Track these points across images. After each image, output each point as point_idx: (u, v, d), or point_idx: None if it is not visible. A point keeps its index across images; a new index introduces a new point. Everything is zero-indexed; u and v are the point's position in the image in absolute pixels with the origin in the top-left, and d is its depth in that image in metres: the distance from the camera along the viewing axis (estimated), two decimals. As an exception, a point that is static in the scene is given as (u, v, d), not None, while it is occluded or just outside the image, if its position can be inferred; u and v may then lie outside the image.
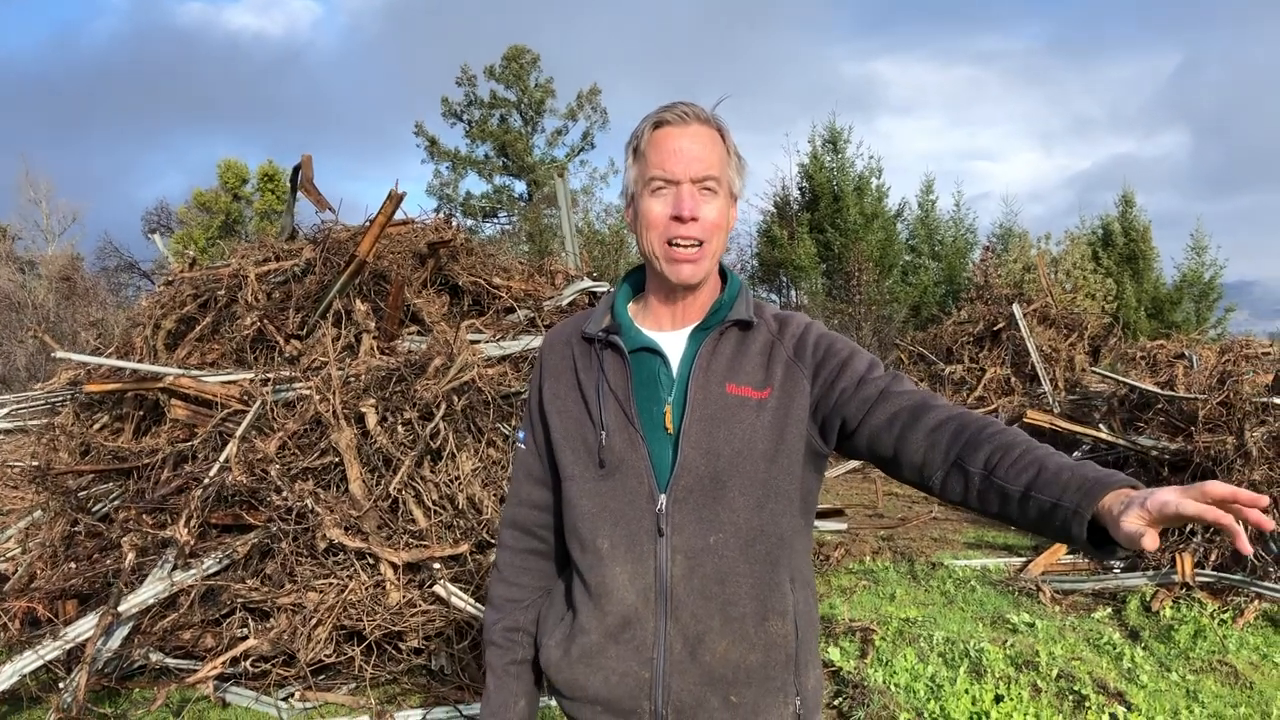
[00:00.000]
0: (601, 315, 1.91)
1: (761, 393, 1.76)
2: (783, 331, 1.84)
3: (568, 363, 1.92)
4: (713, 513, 1.73)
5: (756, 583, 1.74)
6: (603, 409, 1.81)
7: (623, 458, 1.78)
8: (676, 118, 1.76)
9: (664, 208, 1.75)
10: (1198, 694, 4.91)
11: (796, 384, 1.78)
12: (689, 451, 1.73)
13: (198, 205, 31.15)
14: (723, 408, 1.75)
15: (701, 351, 1.79)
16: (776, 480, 1.75)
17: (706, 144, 1.76)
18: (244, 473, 5.00)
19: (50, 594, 5.25)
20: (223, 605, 4.89)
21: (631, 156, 1.82)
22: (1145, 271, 28.50)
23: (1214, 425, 6.95)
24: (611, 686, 1.77)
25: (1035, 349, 12.00)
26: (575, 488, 1.83)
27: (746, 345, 1.82)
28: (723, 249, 1.85)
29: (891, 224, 28.75)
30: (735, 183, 1.83)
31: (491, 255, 6.61)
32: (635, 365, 1.82)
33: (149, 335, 6.10)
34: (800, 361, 1.79)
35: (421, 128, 38.78)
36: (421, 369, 5.05)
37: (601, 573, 1.78)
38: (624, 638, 1.77)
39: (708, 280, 1.85)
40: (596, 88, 39.74)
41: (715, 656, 1.72)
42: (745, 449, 1.73)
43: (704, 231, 1.76)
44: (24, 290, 22.11)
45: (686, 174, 1.73)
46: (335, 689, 4.91)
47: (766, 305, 1.92)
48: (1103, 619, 6.07)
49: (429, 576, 4.87)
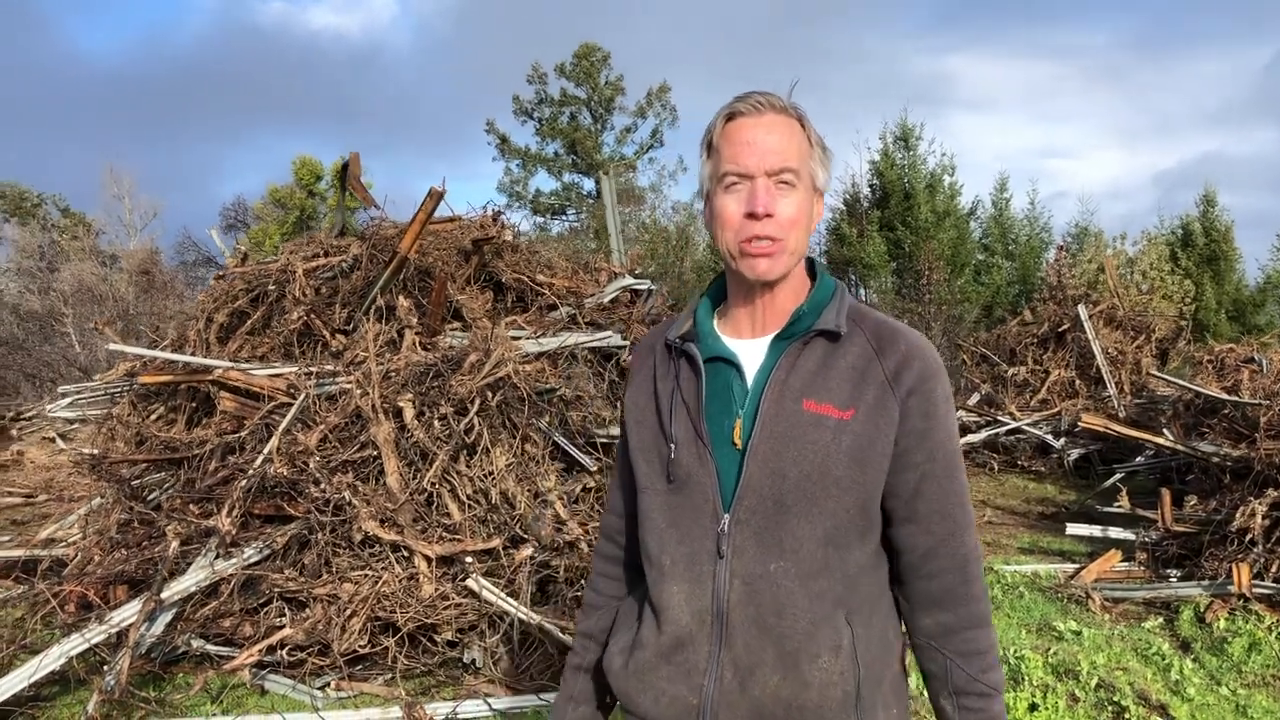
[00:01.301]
0: (683, 321, 1.83)
1: (845, 413, 1.62)
2: (884, 350, 1.67)
3: (649, 370, 1.86)
4: (775, 538, 1.62)
5: (816, 618, 1.62)
6: (674, 421, 1.73)
7: (690, 472, 1.69)
8: (750, 108, 1.65)
9: (738, 204, 1.65)
10: (1247, 709, 4.76)
11: (886, 409, 1.63)
12: (754, 470, 1.63)
13: (273, 201, 31.86)
14: (795, 425, 1.63)
15: (781, 363, 1.67)
16: (849, 510, 1.63)
17: (783, 134, 1.64)
18: (285, 465, 5.09)
19: (103, 579, 5.41)
20: (261, 594, 4.99)
21: (705, 151, 1.72)
22: (1227, 273, 27.71)
23: (1278, 432, 6.72)
24: (661, 708, 1.71)
25: (1100, 351, 11.71)
26: (647, 500, 1.77)
27: (834, 359, 1.67)
28: (804, 246, 1.71)
29: (964, 222, 28.28)
30: (818, 175, 1.70)
31: (536, 252, 6.66)
32: (709, 376, 1.72)
33: (202, 329, 6.26)
34: (896, 387, 1.64)
35: (493, 125, 39.27)
36: (458, 364, 5.10)
37: (661, 589, 1.72)
38: (676, 659, 1.69)
39: (789, 280, 1.72)
40: (666, 85, 39.86)
41: (766, 691, 1.62)
42: (816, 473, 1.60)
43: (780, 229, 1.64)
44: (105, 283, 22.81)
45: (761, 167, 1.63)
46: (370, 679, 4.99)
47: (871, 314, 1.75)
48: (1153, 629, 5.91)
49: (461, 570, 4.92)
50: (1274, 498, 6.40)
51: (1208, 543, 6.68)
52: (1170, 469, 8.96)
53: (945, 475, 1.67)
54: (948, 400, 1.69)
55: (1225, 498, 6.91)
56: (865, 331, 1.69)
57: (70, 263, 24.51)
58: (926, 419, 1.64)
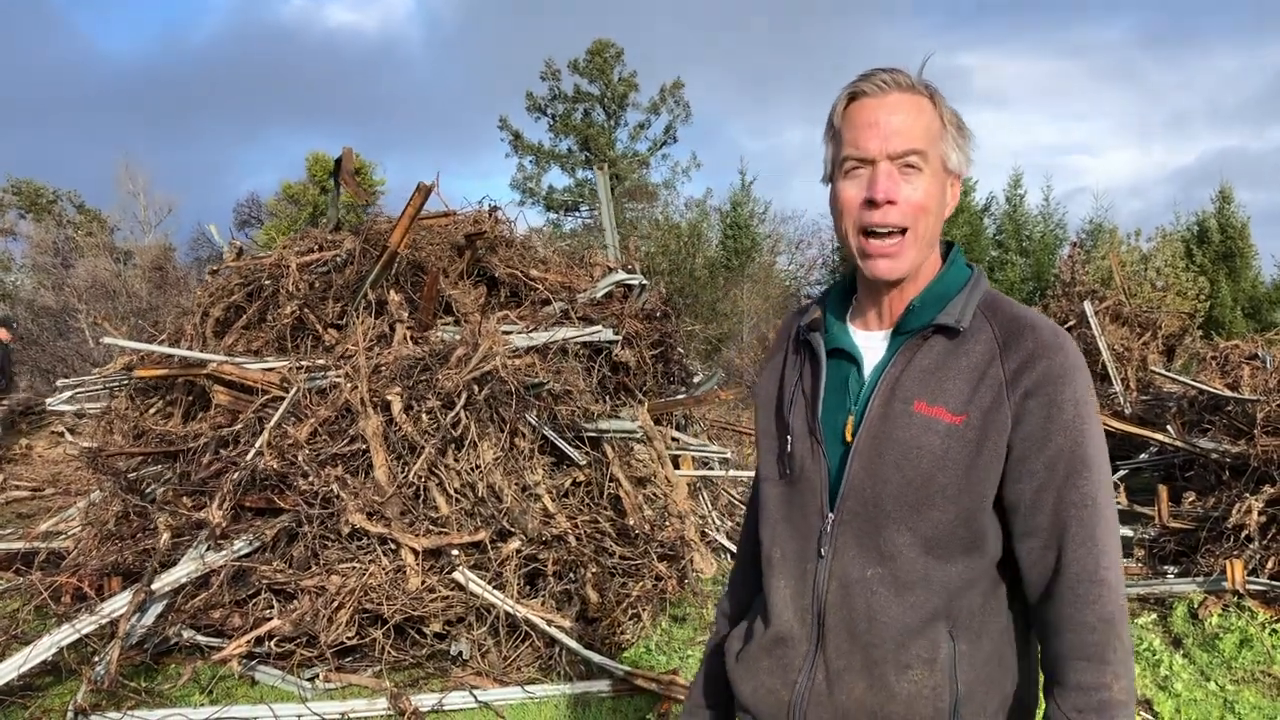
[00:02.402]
0: (814, 308, 1.75)
1: (957, 417, 1.52)
2: (1008, 348, 1.54)
3: (781, 355, 1.80)
4: (874, 543, 1.56)
5: (909, 629, 1.55)
6: (793, 412, 1.69)
7: (804, 467, 1.64)
8: (874, 88, 1.55)
9: (858, 190, 1.55)
10: (1235, 705, 4.74)
11: (999, 415, 1.51)
12: (857, 471, 1.57)
13: (286, 197, 31.98)
14: (902, 428, 1.54)
15: (896, 360, 1.58)
16: (952, 521, 1.53)
17: (910, 114, 1.53)
18: (275, 458, 5.13)
19: (98, 571, 5.46)
20: (251, 586, 5.03)
21: (827, 134, 1.62)
22: (1243, 270, 27.49)
23: (1275, 428, 6.68)
24: (758, 699, 1.69)
25: (1106, 348, 11.65)
26: (765, 490, 1.74)
27: (956, 356, 1.56)
28: (934, 234, 1.60)
29: (978, 218, 28.19)
30: (951, 156, 1.59)
31: (531, 247, 6.68)
32: (830, 369, 1.66)
33: (198, 323, 6.30)
34: (1013, 389, 1.51)
35: (506, 122, 39.25)
36: (445, 358, 5.13)
37: (771, 583, 1.70)
38: (776, 653, 1.67)
39: (920, 272, 1.62)
40: (680, 81, 39.71)
41: (851, 698, 1.57)
42: (920, 479, 1.52)
43: (905, 216, 1.53)
44: (119, 279, 22.97)
45: (884, 150, 1.52)
46: (360, 671, 5.02)
47: (1007, 307, 1.61)
48: (1146, 625, 5.89)
49: (448, 563, 4.95)
50: (1270, 494, 6.37)
51: (1204, 539, 6.65)
52: (1174, 466, 8.90)
53: (1068, 485, 1.50)
54: (1079, 404, 1.51)
55: (1223, 494, 6.88)
56: (995, 326, 1.57)
57: (85, 259, 24.69)
58: (1048, 423, 1.49)
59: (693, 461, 6.82)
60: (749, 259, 28.03)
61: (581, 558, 5.22)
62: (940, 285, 1.62)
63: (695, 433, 7.60)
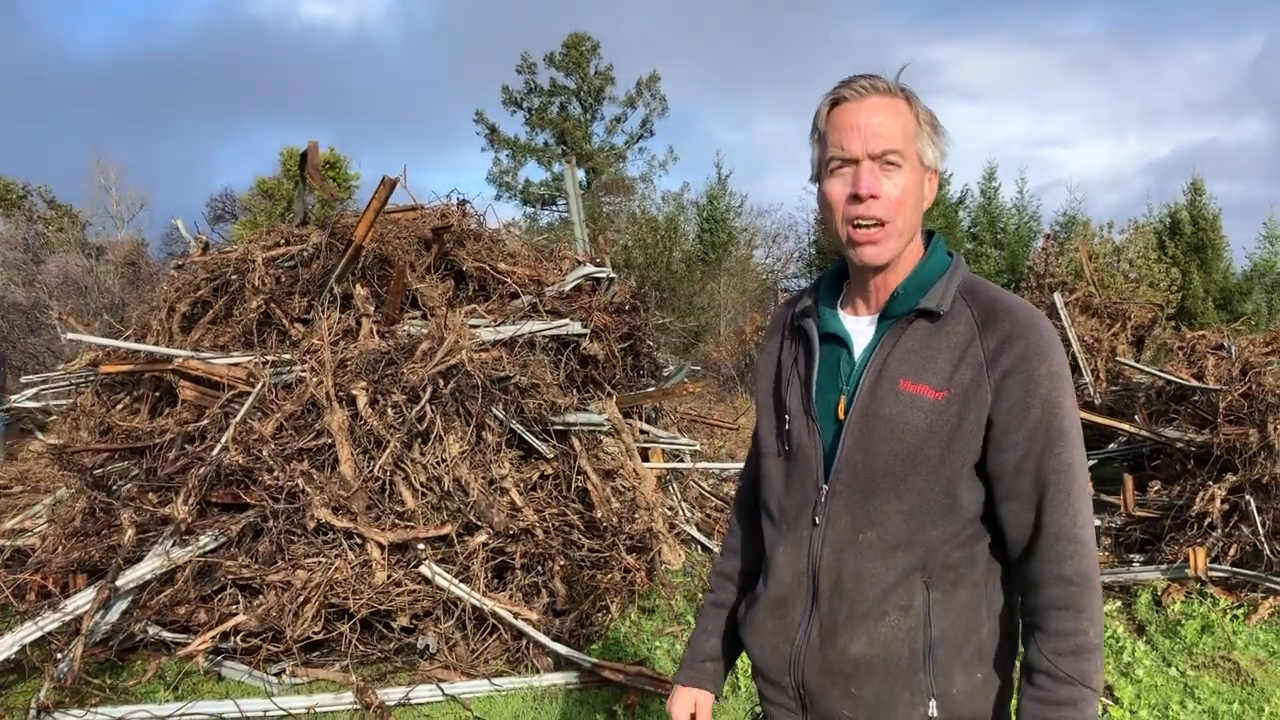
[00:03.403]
0: (808, 294, 1.90)
1: (940, 394, 1.66)
2: (987, 329, 1.67)
3: (778, 338, 1.95)
4: (864, 511, 1.71)
5: (890, 585, 1.70)
6: (789, 392, 1.84)
7: (800, 443, 1.79)
8: (854, 93, 1.69)
9: (843, 187, 1.69)
10: (1194, 690, 4.80)
11: (979, 391, 1.64)
12: (849, 446, 1.71)
13: (261, 192, 31.75)
14: (890, 405, 1.68)
15: (883, 343, 1.73)
16: (934, 489, 1.67)
17: (888, 116, 1.67)
18: (241, 453, 5.11)
19: (64, 568, 5.43)
20: (217, 582, 5.01)
21: (813, 138, 1.76)
22: (1214, 261, 27.73)
23: (1237, 417, 6.75)
24: (765, 655, 1.85)
25: (1076, 339, 11.73)
26: (767, 464, 1.89)
27: (938, 338, 1.70)
28: (914, 226, 1.74)
29: (953, 211, 28.34)
30: (926, 153, 1.73)
31: (499, 241, 6.68)
32: (823, 352, 1.81)
33: (164, 318, 6.27)
34: (992, 368, 1.64)
35: (482, 116, 39.12)
36: (410, 352, 5.12)
37: (773, 548, 1.85)
38: (778, 614, 1.82)
39: (902, 259, 1.75)
40: (656, 75, 39.68)
41: (835, 650, 1.73)
42: (906, 452, 1.66)
43: (886, 210, 1.67)
44: (91, 275, 22.76)
45: (865, 150, 1.66)
46: (327, 666, 5.02)
47: (985, 291, 1.75)
48: (1111, 612, 5.95)
49: (415, 557, 4.95)
50: (1232, 482, 6.45)
51: (1169, 527, 6.72)
52: (1142, 455, 8.99)
53: (1046, 453, 1.64)
54: (1054, 378, 1.64)
55: (1188, 483, 6.96)
56: (974, 309, 1.70)
57: (56, 254, 24.44)
58: (1026, 398, 1.63)
59: (662, 454, 6.84)
60: (726, 252, 28.09)
61: (549, 550, 5.23)
62: (921, 273, 1.76)
63: (665, 425, 7.61)
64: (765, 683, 1.89)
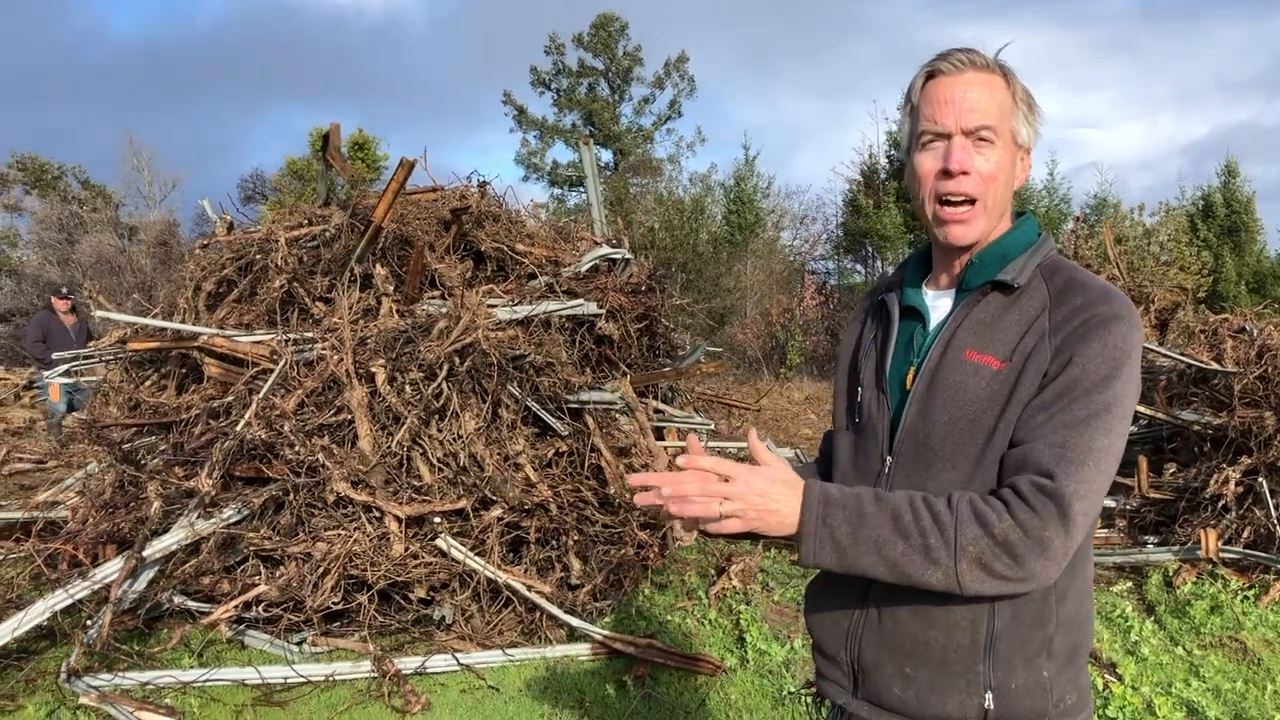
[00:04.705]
0: (896, 271, 1.91)
1: (1002, 364, 1.62)
2: (1058, 303, 1.63)
3: (860, 320, 1.96)
4: (921, 480, 1.68)
5: None
6: (864, 366, 1.85)
7: (870, 415, 1.79)
8: (951, 66, 1.66)
9: (934, 162, 1.67)
10: (1200, 669, 4.84)
11: (1038, 360, 1.60)
12: (912, 415, 1.70)
13: (290, 173, 31.96)
14: (952, 372, 1.66)
15: (955, 314, 1.71)
16: (989, 458, 1.62)
17: (983, 91, 1.65)
18: (263, 428, 5.24)
19: (94, 539, 5.59)
20: (239, 553, 5.15)
21: (906, 111, 1.74)
22: (1248, 244, 27.45)
23: (1253, 400, 6.75)
24: (824, 628, 1.85)
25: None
26: (838, 440, 1.91)
27: (1010, 311, 1.67)
28: (1004, 203, 1.72)
29: (982, 194, 28.07)
30: (1021, 131, 1.70)
31: (518, 222, 6.76)
32: (901, 326, 1.81)
33: (190, 297, 6.41)
34: (1054, 336, 1.60)
35: (510, 97, 39.16)
36: (427, 331, 5.23)
37: None
38: (840, 587, 1.79)
39: (988, 240, 1.73)
40: (684, 55, 39.54)
41: (896, 624, 1.70)
42: (963, 419, 1.63)
43: (976, 186, 1.65)
44: (124, 255, 23.08)
45: (958, 125, 1.64)
46: (347, 635, 5.15)
47: (1068, 270, 1.70)
48: (1121, 592, 6.00)
49: (431, 530, 5.06)
50: (1247, 464, 6.46)
51: (1183, 509, 6.75)
52: (1160, 438, 8.99)
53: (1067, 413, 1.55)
54: (1109, 350, 1.56)
55: (1203, 465, 6.97)
56: (1050, 286, 1.67)
57: (89, 234, 24.79)
58: (1071, 365, 1.56)
59: (677, 433, 6.93)
60: (752, 234, 28.01)
61: (563, 525, 5.33)
62: (999, 246, 1.73)
63: (681, 405, 7.69)
64: (821, 657, 1.87)
